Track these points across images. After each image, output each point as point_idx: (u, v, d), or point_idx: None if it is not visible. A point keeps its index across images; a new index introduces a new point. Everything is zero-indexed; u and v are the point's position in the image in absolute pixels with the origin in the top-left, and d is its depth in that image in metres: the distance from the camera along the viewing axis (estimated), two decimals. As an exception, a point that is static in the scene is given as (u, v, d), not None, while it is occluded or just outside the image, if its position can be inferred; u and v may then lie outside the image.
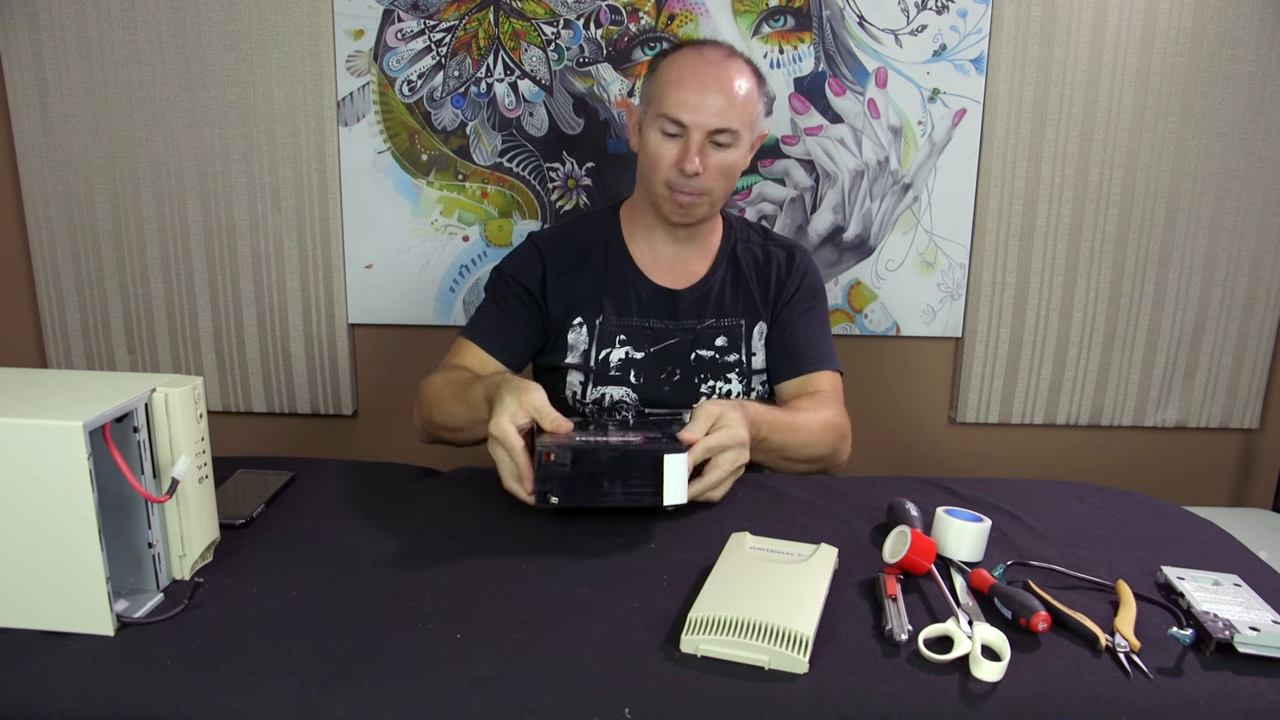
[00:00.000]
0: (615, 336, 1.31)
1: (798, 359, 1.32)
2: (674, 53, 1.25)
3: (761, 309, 1.34)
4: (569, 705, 0.69)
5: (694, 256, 1.34)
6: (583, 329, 1.31)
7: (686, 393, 1.32)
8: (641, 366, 1.31)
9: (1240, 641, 0.76)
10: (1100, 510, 1.08)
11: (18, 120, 1.70)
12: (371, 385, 1.86)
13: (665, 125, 1.21)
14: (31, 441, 0.72)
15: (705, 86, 1.19)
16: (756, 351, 1.34)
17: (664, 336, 1.31)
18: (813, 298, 1.36)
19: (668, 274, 1.33)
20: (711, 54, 1.22)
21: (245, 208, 1.74)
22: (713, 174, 1.22)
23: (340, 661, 0.73)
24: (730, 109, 1.20)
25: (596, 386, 1.31)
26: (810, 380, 1.31)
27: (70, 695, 0.70)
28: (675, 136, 1.21)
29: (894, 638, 0.77)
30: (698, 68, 1.20)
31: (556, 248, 1.33)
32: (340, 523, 0.99)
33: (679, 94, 1.19)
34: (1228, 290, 1.80)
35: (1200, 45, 1.67)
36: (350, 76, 1.69)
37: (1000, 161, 1.72)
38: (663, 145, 1.22)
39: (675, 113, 1.19)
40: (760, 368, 1.34)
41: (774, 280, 1.35)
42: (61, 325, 1.81)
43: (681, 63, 1.22)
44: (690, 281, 1.33)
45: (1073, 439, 1.90)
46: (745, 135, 1.23)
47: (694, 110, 1.19)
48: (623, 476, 0.94)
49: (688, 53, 1.23)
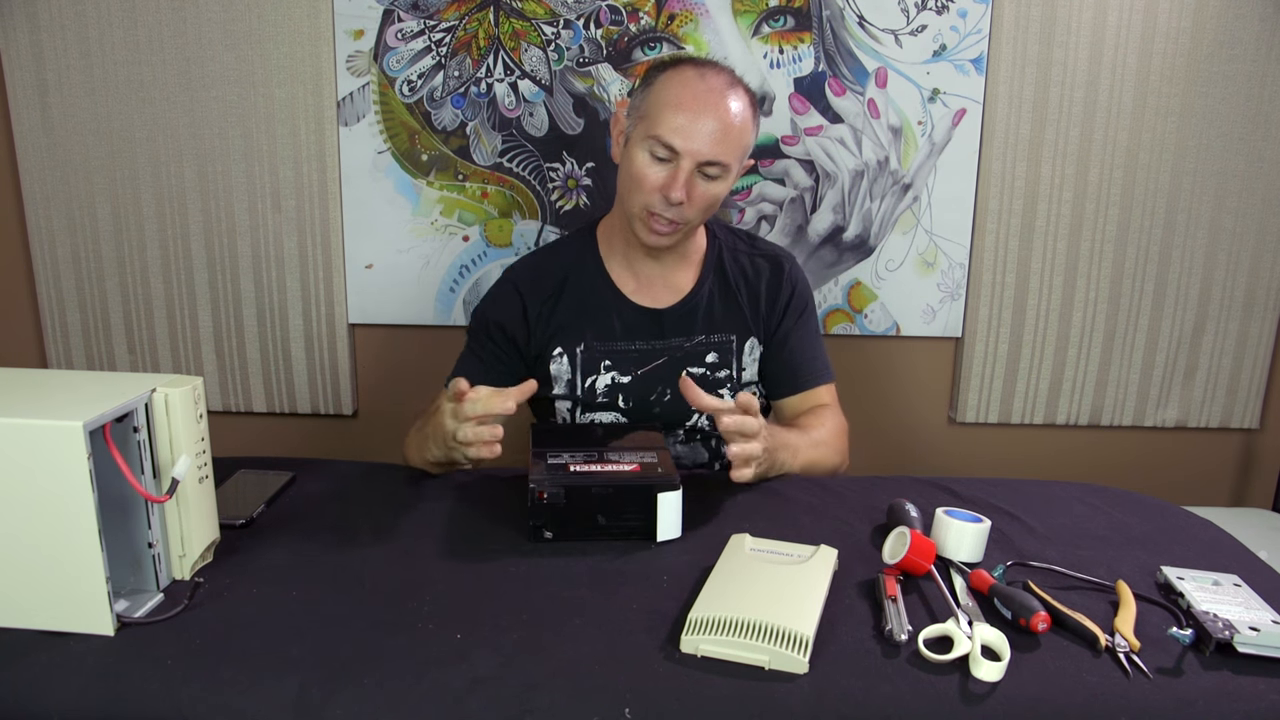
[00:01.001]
0: (600, 362, 1.27)
1: (798, 375, 1.32)
2: (674, 69, 1.17)
3: (752, 324, 1.31)
4: (569, 705, 0.69)
5: (676, 271, 1.30)
6: (564, 359, 1.27)
7: (678, 412, 1.29)
8: (629, 390, 1.28)
9: (1240, 641, 0.76)
10: (1100, 510, 1.08)
11: (18, 120, 1.70)
12: (371, 385, 1.86)
13: (655, 147, 1.14)
14: (31, 441, 0.72)
15: (703, 114, 1.12)
16: (747, 366, 1.32)
17: (650, 358, 1.28)
18: (804, 309, 1.34)
19: (650, 293, 1.29)
20: (714, 79, 1.15)
21: (245, 208, 1.74)
22: (696, 204, 1.17)
23: (340, 661, 0.73)
24: (725, 141, 1.14)
25: (585, 414, 1.28)
26: (811, 395, 1.32)
27: (70, 695, 0.70)
28: (664, 161, 1.15)
29: (894, 638, 0.77)
30: (698, 92, 1.13)
31: (532, 281, 1.30)
32: (340, 522, 0.99)
33: (675, 118, 1.13)
34: (1228, 290, 1.80)
35: (1200, 45, 1.67)
36: (350, 76, 1.69)
37: (1000, 161, 1.72)
38: (649, 167, 1.16)
39: (669, 137, 1.13)
40: (750, 380, 1.33)
41: (764, 294, 1.32)
42: (61, 325, 1.81)
43: (682, 83, 1.15)
44: (676, 297, 1.29)
45: (1073, 439, 1.90)
46: (734, 167, 1.18)
47: (688, 137, 1.12)
48: (616, 511, 0.95)
49: (689, 73, 1.15)
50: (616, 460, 0.99)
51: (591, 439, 1.08)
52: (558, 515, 0.94)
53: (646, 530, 0.95)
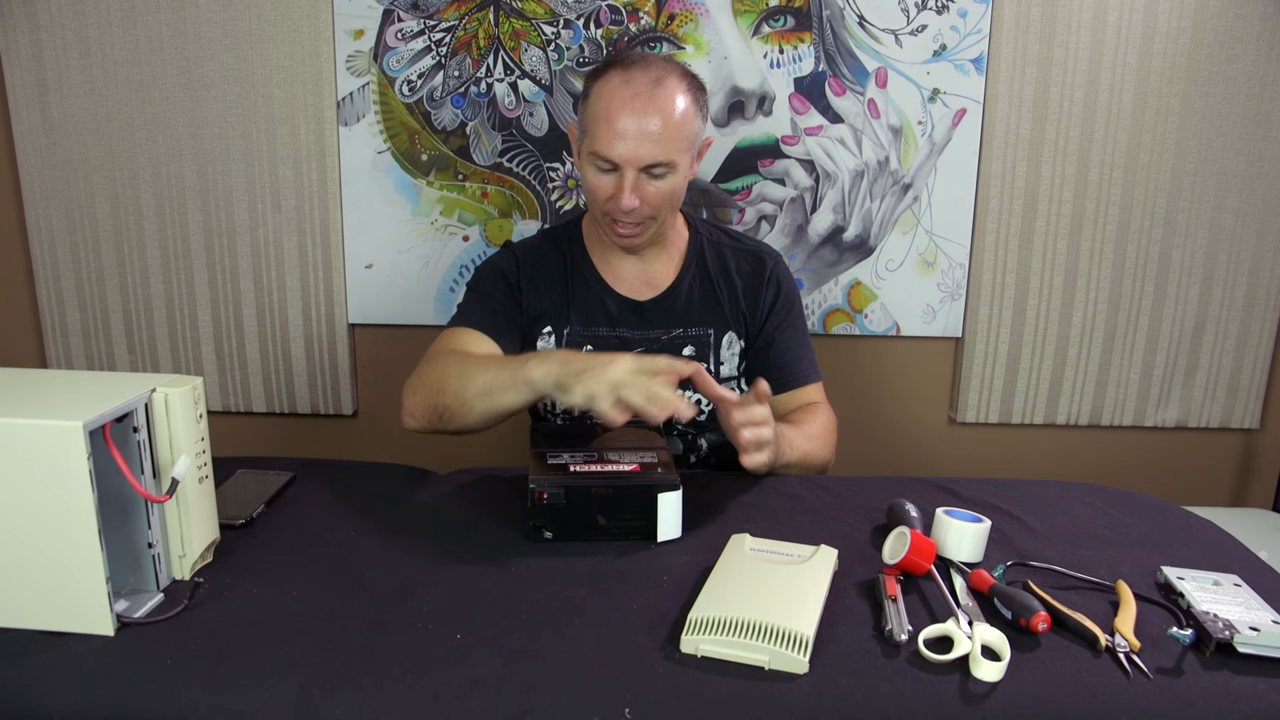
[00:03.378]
0: (583, 347, 1.30)
1: (785, 375, 1.33)
2: (603, 78, 1.17)
3: (731, 319, 1.32)
4: (569, 705, 0.69)
5: (655, 265, 1.32)
6: (551, 339, 1.30)
7: None
8: None
9: (1240, 641, 0.76)
10: (1100, 510, 1.08)
11: (18, 120, 1.70)
12: (371, 385, 1.86)
13: (597, 161, 1.17)
14: (31, 441, 0.72)
15: (634, 120, 1.13)
16: (725, 360, 1.33)
17: (631, 346, 1.30)
18: (790, 308, 1.35)
19: (631, 285, 1.32)
20: (639, 80, 1.14)
21: (245, 208, 1.74)
22: (652, 203, 1.19)
23: (340, 661, 0.73)
24: (662, 140, 1.14)
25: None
26: (800, 394, 1.33)
27: (70, 695, 0.70)
28: (609, 171, 1.17)
29: (894, 638, 0.77)
30: (624, 99, 1.13)
31: (529, 255, 1.33)
32: (340, 523, 0.99)
33: (608, 130, 1.14)
34: (1228, 290, 1.80)
35: (1200, 45, 1.67)
36: (350, 76, 1.69)
37: (1000, 161, 1.72)
38: (598, 179, 1.18)
39: (605, 151, 1.14)
40: (729, 375, 1.34)
41: (744, 291, 1.32)
42: (61, 325, 1.81)
43: (609, 94, 1.15)
44: (656, 291, 1.31)
45: (1073, 439, 1.90)
46: (682, 160, 1.18)
47: (623, 147, 1.13)
48: (616, 511, 0.95)
49: (615, 80, 1.15)
50: (616, 460, 0.99)
51: (591, 438, 1.07)
52: (558, 515, 0.94)
53: (646, 530, 0.95)
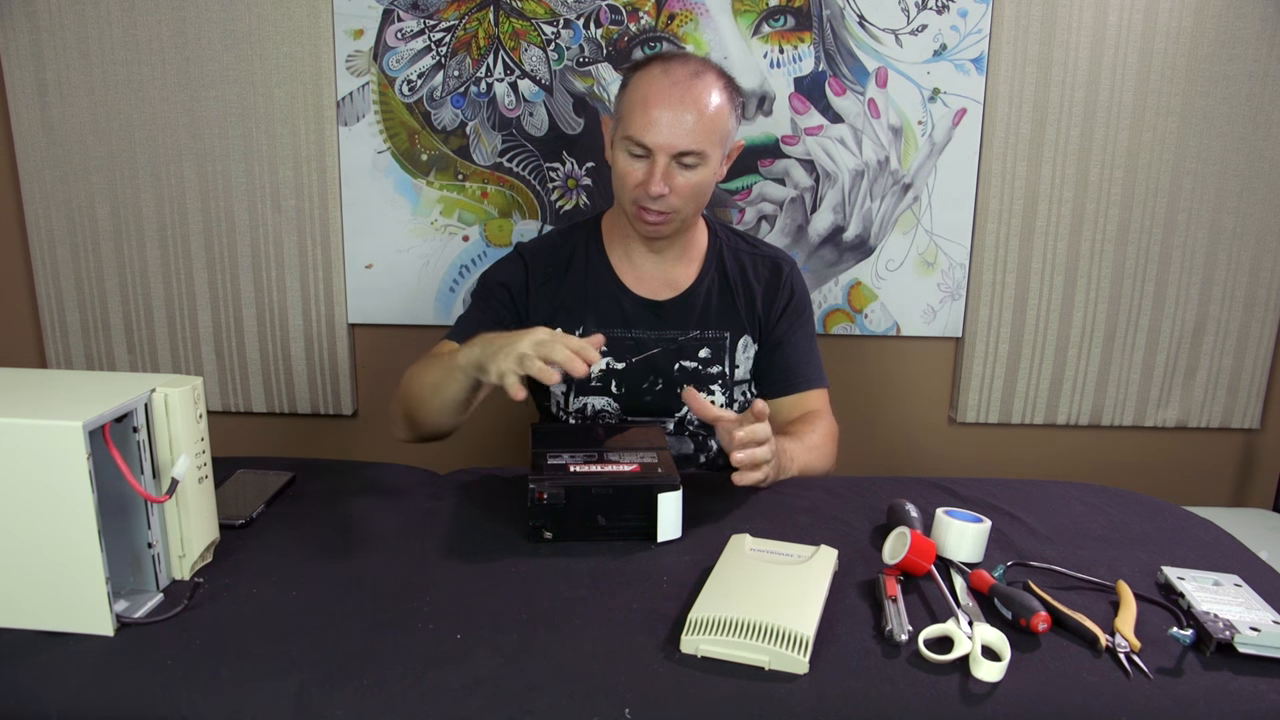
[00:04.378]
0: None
1: (791, 378, 1.34)
2: (643, 69, 1.22)
3: (747, 323, 1.33)
4: (569, 705, 0.69)
5: (676, 266, 1.33)
6: None
7: (668, 402, 1.32)
8: (623, 377, 1.31)
9: (1240, 641, 0.76)
10: (1100, 510, 1.08)
11: (18, 120, 1.70)
12: (371, 385, 1.86)
13: (631, 146, 1.19)
14: (31, 441, 0.72)
15: (670, 108, 1.16)
16: (740, 364, 1.34)
17: (646, 346, 1.31)
18: (801, 313, 1.36)
19: (649, 285, 1.32)
20: (678, 71, 1.18)
21: (245, 208, 1.74)
22: (680, 194, 1.21)
23: (340, 661, 0.73)
24: (696, 130, 1.17)
25: (579, 396, 1.31)
26: (804, 400, 1.34)
27: (70, 695, 0.70)
28: (641, 157, 1.20)
29: (894, 638, 0.77)
30: (663, 88, 1.17)
31: (540, 257, 1.33)
32: (340, 523, 0.99)
33: (644, 115, 1.17)
34: (1228, 290, 1.80)
35: (1200, 45, 1.67)
36: (350, 76, 1.69)
37: (1000, 161, 1.72)
38: (630, 165, 1.21)
39: (639, 135, 1.17)
40: (743, 379, 1.35)
41: (761, 295, 1.34)
42: (61, 325, 1.81)
43: (648, 82, 1.19)
44: (674, 291, 1.32)
45: (1073, 439, 1.90)
46: (714, 153, 1.21)
47: (657, 133, 1.17)
48: (616, 511, 0.95)
49: (655, 70, 1.20)
50: (616, 460, 0.99)
51: (592, 439, 1.08)
52: (558, 515, 0.94)
53: (647, 530, 0.95)
